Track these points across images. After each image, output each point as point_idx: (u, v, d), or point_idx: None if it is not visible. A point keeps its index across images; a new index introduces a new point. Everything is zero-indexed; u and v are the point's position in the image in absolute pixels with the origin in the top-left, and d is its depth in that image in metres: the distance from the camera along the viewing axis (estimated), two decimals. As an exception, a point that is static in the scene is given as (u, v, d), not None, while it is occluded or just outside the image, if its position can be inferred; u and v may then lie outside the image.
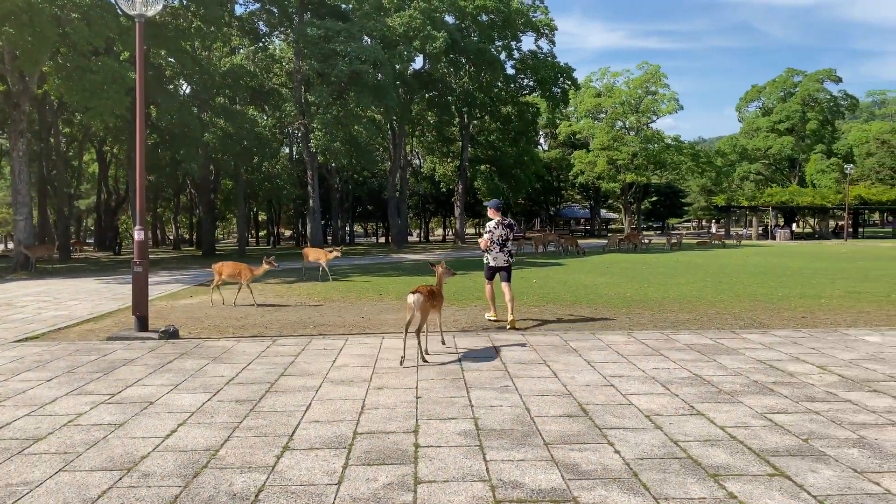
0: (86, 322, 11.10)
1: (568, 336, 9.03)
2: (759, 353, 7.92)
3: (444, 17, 38.17)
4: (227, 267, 13.18)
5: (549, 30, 45.68)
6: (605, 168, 56.25)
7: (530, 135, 51.72)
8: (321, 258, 17.62)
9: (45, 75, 20.42)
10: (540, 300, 12.99)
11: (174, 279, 19.19)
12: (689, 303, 12.44)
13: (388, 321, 10.70)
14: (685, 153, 59.49)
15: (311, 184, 32.20)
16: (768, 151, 66.59)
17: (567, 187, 72.68)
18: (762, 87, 70.38)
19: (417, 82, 39.56)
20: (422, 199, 62.65)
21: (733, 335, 9.06)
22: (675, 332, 9.30)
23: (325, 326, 10.31)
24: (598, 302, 12.64)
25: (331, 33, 27.73)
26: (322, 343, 8.75)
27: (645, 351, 8.04)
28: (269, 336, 9.50)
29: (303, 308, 12.42)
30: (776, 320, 10.45)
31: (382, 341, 8.78)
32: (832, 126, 68.24)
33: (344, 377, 6.87)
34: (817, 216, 62.39)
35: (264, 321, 10.93)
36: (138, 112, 9.55)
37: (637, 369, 7.11)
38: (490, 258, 10.68)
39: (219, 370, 7.26)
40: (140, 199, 9.73)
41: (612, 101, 58.53)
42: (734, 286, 15.28)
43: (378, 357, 7.81)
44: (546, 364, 7.35)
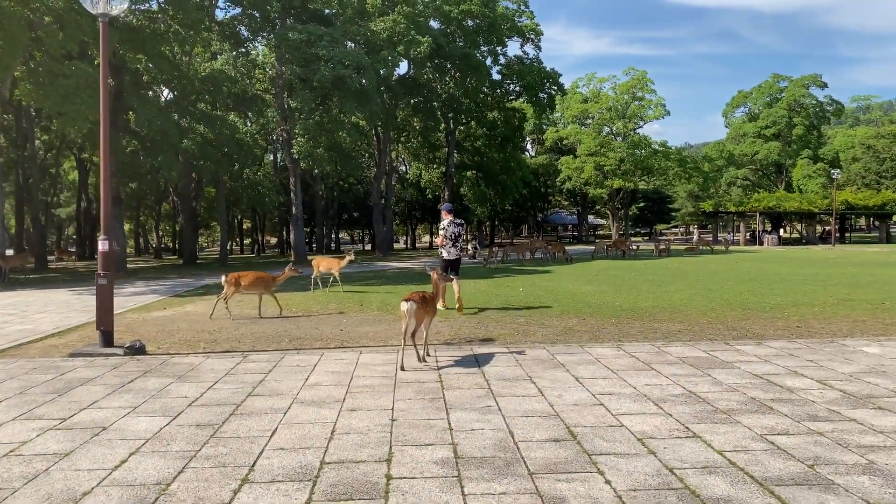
0: (50, 337, 10.59)
1: (555, 349, 8.63)
2: (754, 366, 7.55)
3: (428, 22, 37.82)
4: (245, 277, 12.32)
5: (535, 35, 45.45)
6: (592, 174, 56.03)
7: (517, 140, 51.42)
8: (333, 267, 16.47)
9: (16, 80, 19.81)
10: (525, 310, 12.59)
11: (150, 290, 18.64)
12: (679, 312, 12.08)
13: (368, 334, 10.25)
14: (672, 159, 59.43)
15: (293, 191, 31.67)
16: (755, 157, 66.75)
17: (554, 193, 72.52)
18: (748, 93, 70.60)
19: (402, 88, 39.16)
20: (408, 205, 62.20)
21: (727, 347, 8.69)
22: (666, 344, 8.92)
23: (301, 340, 9.86)
24: (586, 311, 12.25)
25: (313, 38, 27.27)
26: (296, 359, 8.29)
27: (636, 365, 7.64)
28: (240, 351, 9.04)
29: (280, 320, 11.94)
30: (770, 330, 10.10)
31: (359, 357, 8.34)
32: (818, 131, 68.50)
33: (315, 397, 6.43)
34: (804, 221, 62.53)
35: (238, 335, 10.45)
36: (102, 116, 9.09)
37: (628, 386, 6.71)
38: (445, 253, 12.65)
39: (182, 390, 6.79)
40: (105, 206, 9.25)
41: (598, 106, 58.38)
42: (725, 294, 14.94)
43: (353, 374, 7.37)
44: (532, 381, 6.94)
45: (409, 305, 7.48)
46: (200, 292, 17.56)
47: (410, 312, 7.47)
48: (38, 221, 31.83)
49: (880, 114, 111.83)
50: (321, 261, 17.17)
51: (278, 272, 13.29)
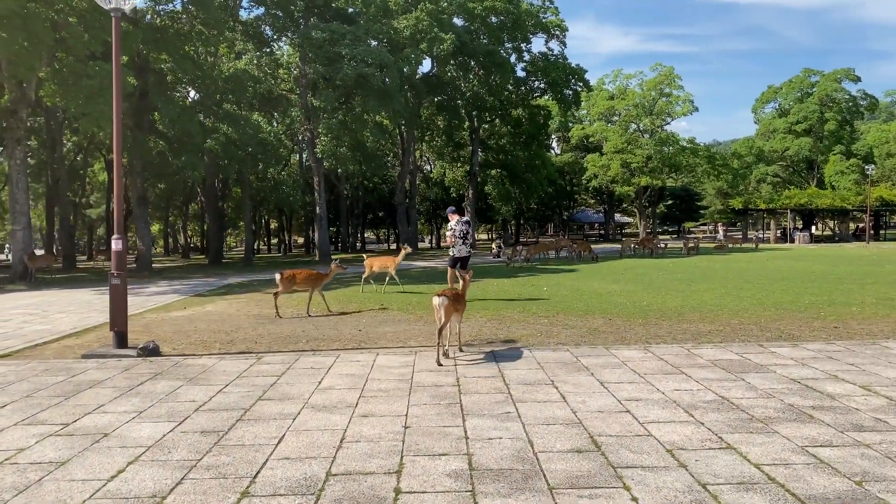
0: (67, 337, 10.48)
1: (579, 351, 8.28)
2: (791, 370, 7.13)
3: (452, 20, 37.46)
4: (300, 275, 12.51)
5: (560, 31, 44.82)
6: (618, 171, 55.17)
7: (542, 138, 50.84)
8: (388, 265, 15.72)
9: (41, 81, 19.91)
10: (550, 310, 12.23)
11: (172, 289, 18.59)
12: (709, 312, 11.63)
13: (387, 334, 9.98)
14: (700, 155, 58.30)
15: (317, 190, 31.56)
16: (785, 153, 65.28)
17: (580, 191, 71.67)
18: (778, 88, 69.09)
19: (426, 86, 38.85)
20: (433, 204, 61.94)
21: (761, 349, 8.26)
22: (696, 346, 8.52)
23: (318, 341, 9.62)
24: (612, 311, 11.86)
25: (336, 36, 27.10)
26: (310, 360, 8.04)
27: (664, 369, 7.27)
28: (255, 352, 8.82)
29: (298, 320, 11.72)
30: (806, 331, 9.63)
31: (376, 358, 8.06)
32: (851, 126, 66.77)
33: (327, 402, 6.16)
34: (837, 218, 61.03)
35: (255, 335, 10.25)
36: (115, 114, 8.93)
37: (656, 391, 6.34)
38: (455, 251, 13.43)
39: (191, 394, 6.57)
40: (118, 205, 9.10)
41: (625, 103, 57.46)
42: (757, 293, 14.42)
43: (368, 377, 7.09)
44: (554, 385, 6.60)
45: (440, 300, 7.68)
46: (222, 292, 17.46)
47: (441, 305, 7.65)
48: (67, 222, 32.12)
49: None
50: (374, 260, 16.31)
51: (325, 270, 13.46)
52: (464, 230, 13.36)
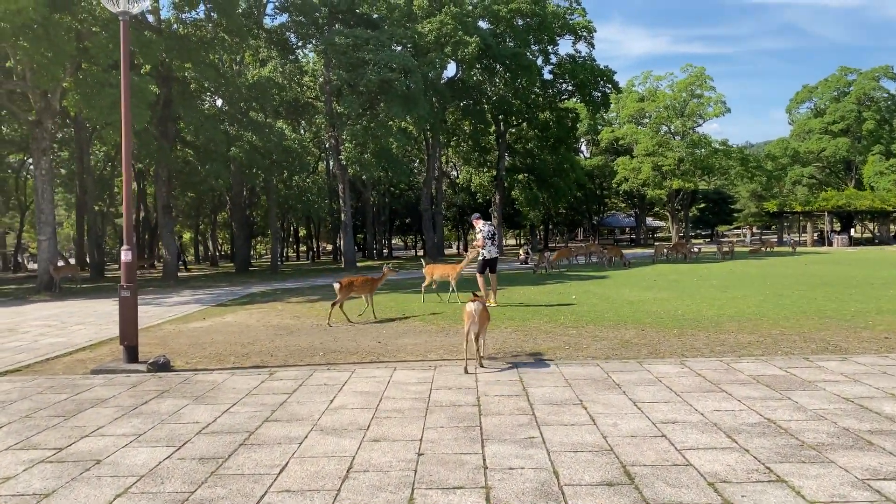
0: (80, 350, 10.25)
1: (609, 366, 7.76)
2: (841, 387, 6.55)
3: (477, 23, 37.04)
4: (357, 281, 12.74)
5: (588, 32, 44.11)
6: (650, 174, 54.16)
7: (570, 142, 50.08)
8: (449, 273, 14.86)
9: (65, 91, 19.95)
10: (579, 319, 11.70)
11: (196, 299, 18.40)
12: (748, 321, 11.01)
13: (407, 346, 9.56)
14: (734, 157, 57.02)
15: (342, 197, 31.32)
16: (822, 154, 63.63)
17: (610, 195, 70.65)
18: (814, 88, 67.45)
19: (451, 90, 38.43)
20: (460, 210, 61.49)
21: (807, 363, 7.67)
22: (736, 360, 7.95)
23: (335, 354, 9.23)
24: (645, 321, 11.29)
25: (359, 41, 26.84)
26: (324, 376, 7.65)
27: (702, 386, 6.73)
28: (269, 367, 8.46)
29: (317, 331, 11.36)
30: (854, 343, 8.99)
31: (393, 374, 7.64)
32: (890, 126, 64.87)
33: (337, 424, 5.75)
34: (877, 220, 59.30)
35: (272, 347, 9.91)
36: (123, 120, 8.67)
37: (694, 412, 5.82)
38: (485, 252, 13.83)
39: (196, 414, 6.21)
40: (127, 214, 8.82)
41: (655, 105, 56.43)
42: (798, 300, 13.72)
43: (383, 395, 6.67)
44: (582, 405, 6.11)
45: (475, 306, 7.57)
46: (244, 301, 17.21)
47: (477, 312, 7.55)
48: (95, 231, 32.32)
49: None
50: (435, 268, 15.50)
51: (377, 274, 13.72)
52: (491, 230, 14.08)
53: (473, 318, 7.62)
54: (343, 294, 12.16)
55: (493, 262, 13.97)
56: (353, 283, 12.53)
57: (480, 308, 7.64)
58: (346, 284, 12.26)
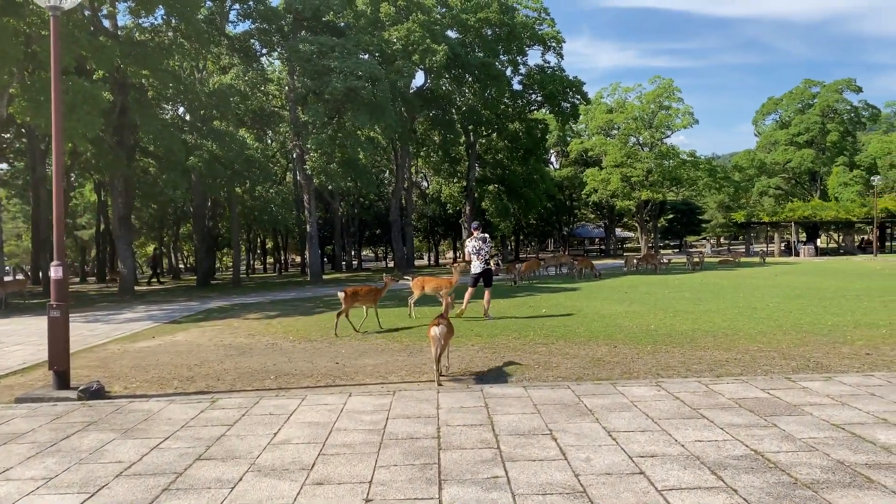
0: (11, 375, 9.46)
1: (581, 389, 7.22)
2: (830, 411, 6.08)
3: (445, 32, 36.60)
4: (361, 290, 12.62)
5: (556, 43, 43.97)
6: (618, 185, 54.15)
7: (539, 153, 49.82)
8: (442, 286, 13.72)
9: (12, 97, 18.98)
10: (549, 335, 11.17)
11: (149, 315, 17.51)
12: (724, 336, 10.57)
13: (366, 368, 8.94)
14: (701, 168, 57.35)
15: (307, 208, 30.53)
16: (787, 165, 64.36)
17: (580, 206, 70.66)
18: (779, 100, 68.32)
19: (420, 100, 37.93)
20: (431, 221, 60.93)
21: (789, 383, 7.21)
22: (715, 381, 7.46)
23: (287, 377, 8.59)
24: (617, 337, 10.80)
25: (325, 49, 26.17)
26: (271, 404, 6.99)
27: (681, 411, 6.21)
28: (215, 392, 7.80)
29: (271, 351, 10.68)
30: (835, 359, 8.59)
31: (347, 400, 7.01)
32: (853, 137, 65.93)
33: (278, 462, 5.11)
34: (842, 231, 60.06)
35: (220, 370, 9.22)
36: (54, 124, 7.99)
37: (673, 442, 5.30)
38: (472, 267, 13.71)
39: (121, 451, 5.52)
40: (58, 227, 8.11)
41: (624, 116, 56.56)
42: (772, 313, 13.37)
43: (334, 427, 6.04)
44: (552, 436, 5.55)
45: (440, 330, 7.56)
46: (200, 318, 16.40)
47: (442, 335, 7.57)
48: (50, 244, 31.04)
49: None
50: (424, 281, 14.43)
51: (380, 284, 13.55)
52: (476, 246, 13.70)
53: (439, 343, 7.62)
54: (347, 304, 12.09)
55: (486, 276, 13.71)
56: (358, 293, 12.42)
57: (445, 331, 7.65)
58: (350, 294, 12.19)
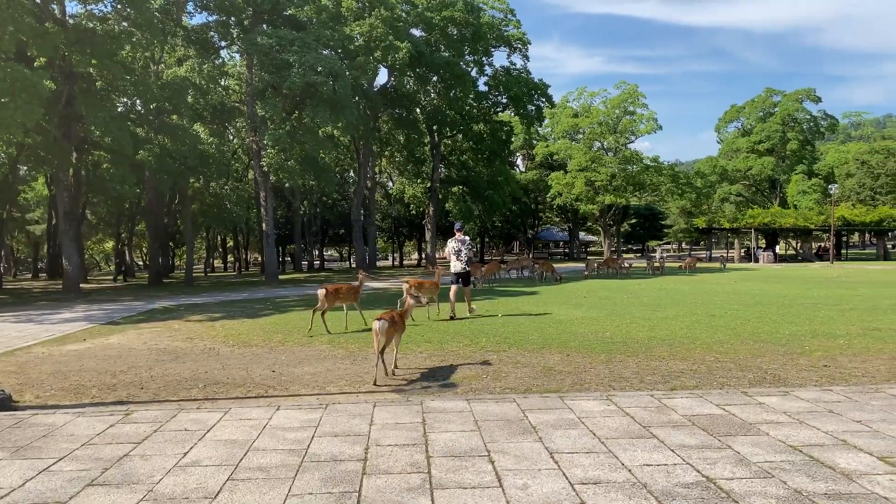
0: (-86, 381, 8.65)
1: (527, 403, 6.76)
2: (786, 430, 5.71)
3: (409, 29, 36.07)
4: (342, 289, 12.43)
5: (522, 44, 43.72)
6: (583, 189, 54.29)
7: (504, 155, 49.54)
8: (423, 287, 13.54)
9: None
10: (501, 342, 10.72)
11: (87, 316, 16.66)
12: (681, 345, 10.24)
13: (304, 376, 8.39)
14: (664, 174, 57.79)
15: (264, 206, 29.69)
16: (748, 172, 65.28)
17: (545, 210, 70.70)
18: (741, 108, 69.30)
19: (383, 98, 37.34)
20: (395, 221, 60.27)
21: (745, 398, 6.85)
22: (668, 394, 7.07)
23: (217, 386, 7.99)
24: (570, 345, 10.39)
25: (284, 42, 25.43)
26: (190, 418, 6.40)
27: (630, 429, 5.79)
28: (134, 402, 7.18)
29: (206, 357, 10.05)
30: (793, 371, 8.28)
31: (274, 414, 6.45)
32: (812, 146, 67.17)
33: (179, 489, 4.54)
34: (800, 238, 60.97)
35: (146, 377, 8.58)
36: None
37: (620, 467, 4.86)
38: (451, 267, 14.39)
39: (4, 475, 4.89)
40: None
41: (589, 121, 56.73)
42: (730, 321, 13.11)
43: (252, 445, 5.48)
44: (490, 458, 5.07)
45: (380, 324, 7.76)
46: (141, 319, 15.63)
47: (382, 330, 7.77)
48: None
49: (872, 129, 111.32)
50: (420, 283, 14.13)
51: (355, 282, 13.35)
52: (456, 248, 14.27)
53: (379, 337, 7.80)
54: (329, 302, 11.92)
55: (463, 276, 14.32)
56: (340, 291, 12.22)
57: (386, 326, 7.80)
58: (331, 291, 12.00)
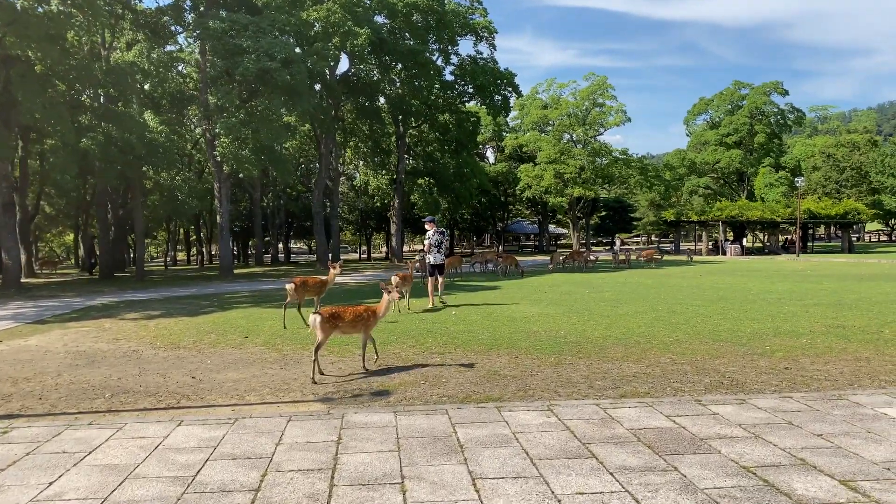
0: None
1: (460, 415, 6.11)
2: (741, 447, 5.13)
3: (370, 15, 35.09)
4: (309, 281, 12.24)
5: (489, 33, 42.96)
6: (552, 182, 53.84)
7: (471, 146, 48.81)
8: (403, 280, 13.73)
9: None
10: (448, 342, 10.06)
11: (17, 314, 15.64)
12: (637, 345, 9.67)
13: (225, 384, 7.66)
14: (633, 166, 57.62)
15: (218, 197, 28.63)
16: (717, 165, 65.40)
17: (515, 202, 70.21)
18: (710, 100, 69.33)
19: (345, 87, 36.39)
20: (362, 214, 59.29)
21: (698, 408, 6.27)
22: (616, 403, 6.48)
23: (125, 396, 7.23)
24: (521, 345, 9.78)
25: (237, 27, 24.44)
26: (76, 436, 5.65)
27: (568, 447, 5.16)
28: (24, 416, 6.45)
29: (125, 361, 9.25)
30: (752, 374, 7.75)
31: (173, 431, 5.72)
32: (779, 139, 67.51)
33: (21, 534, 3.81)
34: (767, 230, 61.24)
35: (51, 385, 7.79)
36: None
37: (549, 496, 4.23)
38: (431, 258, 14.94)
39: None
40: None
41: (558, 112, 56.28)
42: (691, 318, 12.60)
43: (133, 472, 4.75)
44: (402, 487, 4.41)
45: (315, 319, 7.68)
46: (74, 317, 14.70)
47: (314, 325, 7.72)
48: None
49: (838, 123, 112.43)
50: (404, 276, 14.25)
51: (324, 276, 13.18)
52: (438, 240, 15.01)
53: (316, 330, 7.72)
54: (298, 294, 11.69)
55: (440, 267, 15.06)
56: (307, 283, 12.08)
57: (320, 321, 7.63)
58: (299, 284, 11.78)
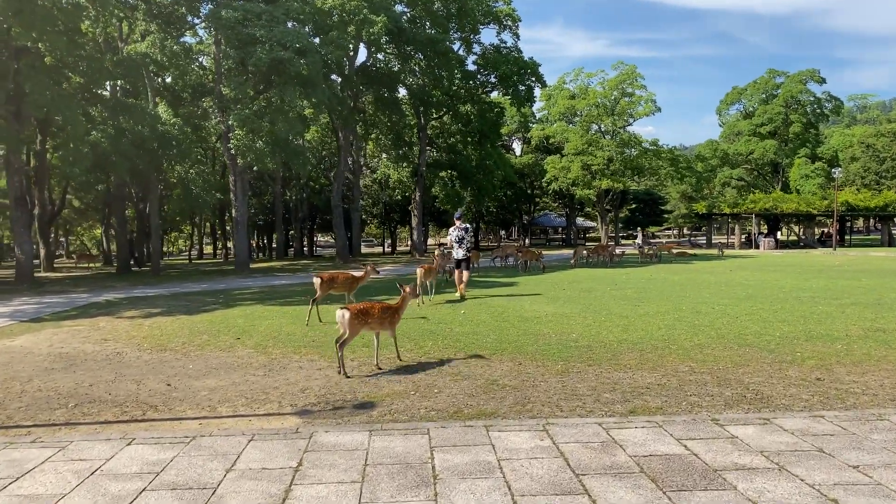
0: None
1: (442, 436, 5.42)
2: (760, 483, 4.37)
3: (391, 3, 34.25)
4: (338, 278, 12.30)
5: (512, 21, 41.93)
6: (579, 174, 52.70)
7: (494, 137, 47.87)
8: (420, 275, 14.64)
9: None
10: (449, 345, 9.38)
11: (16, 311, 15.28)
12: (654, 350, 8.89)
13: (200, 392, 7.09)
14: (664, 157, 56.19)
15: (233, 190, 28.26)
16: (750, 156, 63.58)
17: (542, 195, 69.08)
18: (743, 90, 67.39)
19: (363, 77, 35.77)
20: (386, 207, 58.76)
21: (715, 429, 5.51)
22: (622, 422, 5.74)
23: (90, 405, 6.70)
24: (527, 349, 9.06)
25: (250, 16, 23.94)
26: (11, 457, 5.09)
27: (558, 480, 4.45)
28: (-30, 431, 5.87)
29: (104, 365, 8.73)
30: (779, 387, 6.93)
31: (120, 451, 5.13)
32: (816, 129, 65.35)
33: None
34: (802, 223, 59.42)
35: (18, 392, 7.30)
36: None
37: (525, 548, 3.53)
38: (453, 253, 15.73)
39: None
40: None
41: (586, 102, 55.05)
42: (716, 320, 11.72)
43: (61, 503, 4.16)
44: (351, 531, 3.74)
45: (340, 313, 7.67)
46: (72, 315, 14.31)
47: (341, 322, 7.68)
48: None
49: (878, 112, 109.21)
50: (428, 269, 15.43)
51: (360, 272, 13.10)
52: (459, 235, 15.66)
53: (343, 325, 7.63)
54: (322, 290, 11.70)
55: (465, 261, 15.63)
56: (336, 279, 12.13)
57: (349, 315, 7.58)
58: (326, 279, 11.82)
